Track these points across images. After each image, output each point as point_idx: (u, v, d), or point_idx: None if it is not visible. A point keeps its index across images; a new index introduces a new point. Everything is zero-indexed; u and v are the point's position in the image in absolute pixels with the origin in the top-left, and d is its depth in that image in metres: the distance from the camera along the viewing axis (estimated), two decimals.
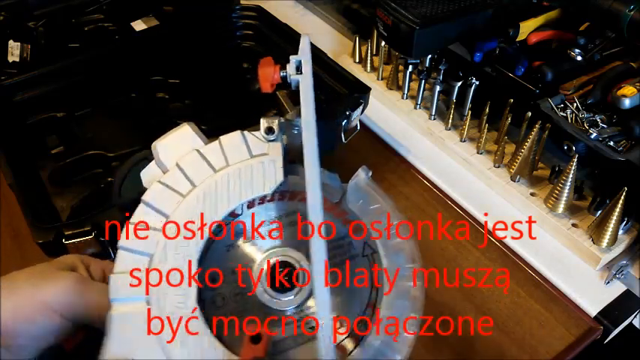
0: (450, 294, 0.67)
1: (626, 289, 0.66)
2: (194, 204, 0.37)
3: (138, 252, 0.36)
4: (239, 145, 0.39)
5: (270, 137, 0.39)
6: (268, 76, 0.40)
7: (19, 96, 0.82)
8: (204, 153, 0.39)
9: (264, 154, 0.39)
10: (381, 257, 0.40)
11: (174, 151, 0.38)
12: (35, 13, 0.93)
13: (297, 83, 0.39)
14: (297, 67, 0.39)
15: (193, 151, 0.38)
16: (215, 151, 0.39)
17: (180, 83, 0.91)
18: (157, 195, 0.37)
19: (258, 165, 0.38)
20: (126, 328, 0.34)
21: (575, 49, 0.77)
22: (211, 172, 0.38)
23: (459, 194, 0.76)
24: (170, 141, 0.39)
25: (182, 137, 0.39)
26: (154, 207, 0.37)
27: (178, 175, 0.38)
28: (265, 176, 0.38)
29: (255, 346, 0.35)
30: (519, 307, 0.65)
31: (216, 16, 0.97)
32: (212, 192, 0.38)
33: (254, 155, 0.39)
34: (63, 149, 0.81)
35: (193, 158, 0.38)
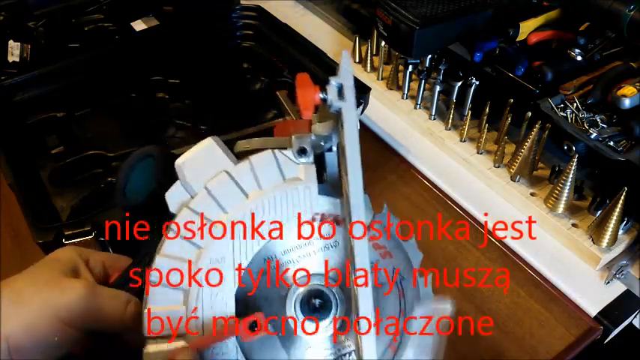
0: (450, 294, 0.66)
1: (626, 289, 0.66)
2: (228, 235, 0.35)
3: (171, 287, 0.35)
4: (270, 166, 0.37)
5: (302, 159, 0.37)
6: (309, 101, 0.36)
7: (19, 96, 0.82)
8: (235, 175, 0.36)
9: (298, 178, 0.37)
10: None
11: (201, 171, 0.36)
12: (35, 13, 0.93)
13: (339, 109, 0.36)
14: (339, 90, 0.36)
15: (223, 173, 0.36)
16: (245, 173, 0.36)
17: (180, 83, 0.91)
18: (188, 222, 0.35)
19: (292, 191, 0.37)
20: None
21: (575, 49, 0.77)
22: (243, 198, 0.36)
23: (459, 194, 0.76)
24: (195, 159, 0.36)
25: (208, 155, 0.36)
26: (180, 243, 0.35)
27: (208, 201, 0.36)
28: (300, 205, 0.37)
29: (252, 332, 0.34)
30: (519, 307, 0.65)
31: (216, 16, 0.97)
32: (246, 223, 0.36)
33: (287, 179, 0.37)
34: (63, 149, 0.81)
35: (223, 181, 0.36)
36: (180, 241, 0.35)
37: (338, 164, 0.39)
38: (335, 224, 0.38)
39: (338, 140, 0.38)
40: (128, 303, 0.38)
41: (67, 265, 0.39)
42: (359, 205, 0.35)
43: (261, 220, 0.36)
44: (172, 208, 0.36)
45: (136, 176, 0.39)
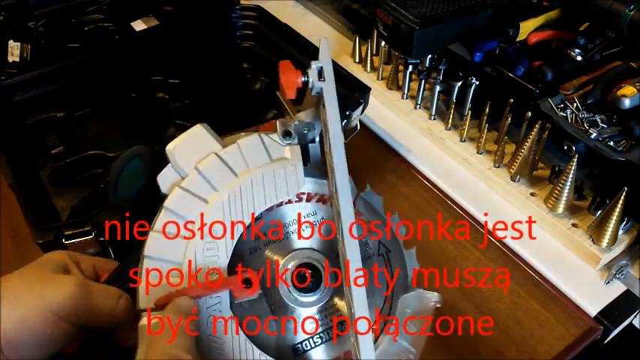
0: (450, 294, 0.67)
1: (626, 289, 0.66)
2: (219, 210, 0.37)
3: (165, 260, 0.36)
4: (258, 148, 0.39)
5: (287, 141, 0.40)
6: (292, 83, 0.39)
7: (19, 96, 0.82)
8: (224, 157, 0.38)
9: (284, 157, 0.39)
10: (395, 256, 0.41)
11: (192, 155, 0.38)
12: (35, 13, 0.93)
13: (320, 90, 0.39)
14: (319, 72, 0.39)
15: (212, 155, 0.38)
16: (234, 155, 0.38)
17: (180, 83, 0.91)
18: (180, 201, 0.37)
19: (279, 170, 0.39)
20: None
21: (575, 49, 0.77)
22: (233, 177, 0.38)
23: (459, 194, 0.76)
24: (185, 143, 0.38)
25: (197, 139, 0.38)
26: (178, 214, 0.36)
27: (199, 180, 0.37)
28: (287, 181, 0.39)
29: (246, 289, 0.36)
30: (519, 307, 0.65)
31: (216, 16, 0.97)
32: (236, 198, 0.37)
33: (274, 159, 0.39)
34: (63, 149, 0.81)
35: (213, 162, 0.38)
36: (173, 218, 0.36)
37: (321, 150, 0.41)
38: (321, 203, 0.40)
39: (320, 130, 0.40)
40: (120, 298, 0.38)
41: (58, 264, 0.40)
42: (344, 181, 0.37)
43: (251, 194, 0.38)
44: (164, 189, 0.38)
45: (126, 175, 0.41)
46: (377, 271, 0.41)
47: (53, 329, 0.36)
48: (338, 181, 0.37)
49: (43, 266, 0.39)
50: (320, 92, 0.39)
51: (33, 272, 0.38)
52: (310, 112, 0.41)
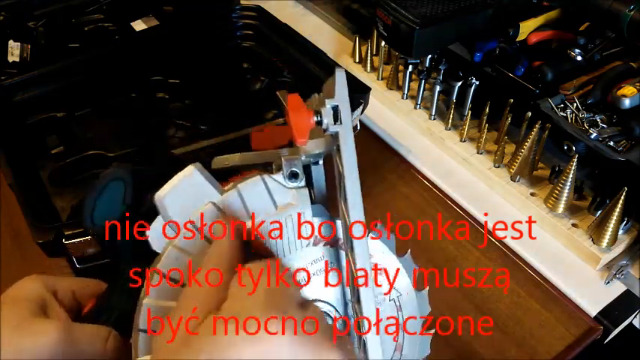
0: (450, 294, 0.67)
1: (626, 289, 0.66)
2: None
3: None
4: (261, 194, 0.34)
5: (293, 183, 0.35)
6: (304, 127, 0.32)
7: (19, 96, 0.82)
8: (222, 206, 0.33)
9: (290, 203, 0.35)
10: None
11: (185, 204, 0.32)
12: (35, 13, 0.93)
13: (336, 133, 0.34)
14: (335, 113, 0.33)
15: (209, 205, 0.33)
16: (235, 203, 0.33)
17: (180, 83, 0.91)
18: (175, 263, 0.32)
19: (287, 220, 0.34)
20: None
21: (575, 49, 0.77)
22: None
23: (459, 194, 0.76)
24: (177, 190, 0.32)
25: (190, 184, 0.32)
26: (174, 279, 0.32)
27: (196, 238, 0.33)
28: (295, 232, 0.35)
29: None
30: (519, 307, 0.65)
31: (216, 16, 0.97)
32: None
33: (279, 207, 0.34)
34: (63, 149, 0.81)
35: (210, 214, 0.33)
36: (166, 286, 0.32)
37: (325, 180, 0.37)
38: (329, 246, 0.37)
39: (326, 152, 0.36)
40: (107, 338, 0.36)
41: (36, 303, 0.37)
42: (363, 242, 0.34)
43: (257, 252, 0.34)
44: (155, 247, 0.33)
45: (104, 200, 0.37)
46: (388, 318, 0.39)
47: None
48: (355, 241, 0.33)
49: (20, 308, 0.36)
50: (335, 135, 0.34)
51: (9, 319, 0.35)
52: (319, 143, 0.35)
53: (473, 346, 0.63)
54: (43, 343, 0.34)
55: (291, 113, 0.32)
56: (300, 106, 0.33)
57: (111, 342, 0.37)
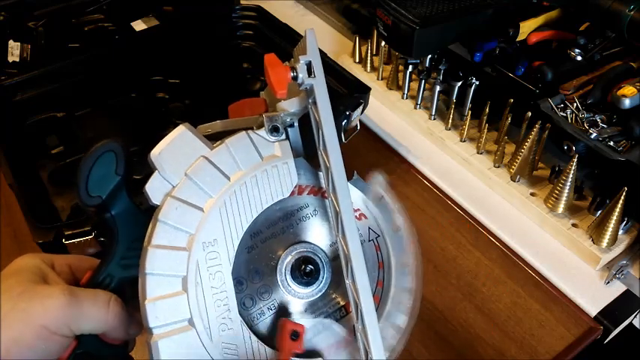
0: (450, 294, 0.67)
1: (626, 289, 0.66)
2: (217, 218, 0.36)
3: (168, 275, 0.35)
4: (247, 147, 0.38)
5: (275, 137, 0.39)
6: (283, 80, 0.37)
7: (19, 96, 0.82)
8: (214, 159, 0.37)
9: (274, 155, 0.38)
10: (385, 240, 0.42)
11: (179, 160, 0.36)
12: (35, 13, 0.93)
13: (310, 86, 0.38)
14: (309, 68, 0.38)
15: (201, 159, 0.36)
16: (224, 157, 0.37)
17: (180, 83, 0.91)
18: (175, 212, 0.35)
19: (272, 170, 0.38)
20: (177, 352, 0.34)
21: (575, 49, 0.77)
22: (226, 181, 0.37)
23: (459, 194, 0.76)
24: (170, 148, 0.36)
25: (182, 142, 0.36)
26: (175, 226, 0.35)
27: (192, 187, 0.36)
28: (281, 180, 0.38)
29: (294, 342, 0.36)
30: (519, 307, 0.65)
31: (216, 16, 0.97)
32: (232, 203, 0.36)
33: (264, 157, 0.38)
34: (63, 149, 0.81)
35: (203, 166, 0.36)
36: (170, 230, 0.35)
37: (302, 136, 0.40)
38: (312, 194, 0.40)
39: (299, 115, 0.40)
40: (109, 302, 0.37)
41: (35, 273, 0.38)
42: (342, 180, 0.37)
43: (247, 198, 0.37)
44: (154, 200, 0.36)
45: (97, 172, 0.39)
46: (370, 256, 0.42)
47: (47, 344, 0.35)
48: (336, 180, 0.37)
49: (21, 277, 0.37)
50: (310, 88, 0.38)
51: (12, 287, 0.36)
52: (294, 102, 0.39)
53: (473, 346, 0.63)
54: (52, 306, 0.35)
55: (270, 69, 0.36)
56: (277, 62, 0.37)
57: (113, 305, 0.37)
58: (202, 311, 0.35)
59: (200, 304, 0.35)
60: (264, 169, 0.38)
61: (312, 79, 0.37)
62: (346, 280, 0.38)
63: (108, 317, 0.37)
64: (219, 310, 0.35)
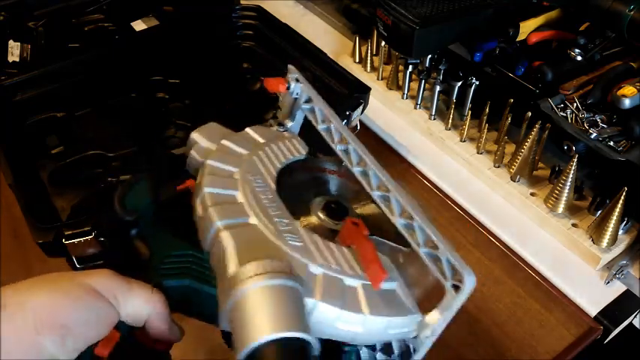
0: None
1: (626, 289, 0.66)
2: (254, 162, 0.42)
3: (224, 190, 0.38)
4: (264, 129, 0.47)
5: (282, 129, 0.49)
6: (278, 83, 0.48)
7: (19, 96, 0.82)
8: (242, 134, 0.45)
9: (285, 135, 0.47)
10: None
11: (213, 137, 0.44)
12: (35, 13, 0.93)
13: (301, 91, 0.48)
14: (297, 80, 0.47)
15: (231, 134, 0.44)
16: (249, 134, 0.45)
17: (180, 83, 0.91)
18: (221, 157, 0.41)
19: (286, 141, 0.46)
20: (246, 237, 0.35)
21: (575, 49, 0.77)
22: (255, 144, 0.44)
23: (458, 194, 0.76)
24: (207, 130, 0.45)
25: (215, 128, 0.45)
26: (220, 166, 0.40)
27: (230, 147, 0.42)
28: (296, 146, 0.46)
29: (357, 228, 0.38)
30: (519, 307, 0.65)
31: (216, 16, 0.97)
32: (263, 157, 0.43)
33: (278, 135, 0.47)
34: (63, 149, 0.81)
35: (235, 137, 0.44)
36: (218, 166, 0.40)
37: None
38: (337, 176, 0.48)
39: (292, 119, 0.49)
40: (152, 288, 0.37)
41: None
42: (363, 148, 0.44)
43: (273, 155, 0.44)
44: (193, 172, 0.42)
45: (134, 191, 0.43)
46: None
47: (96, 303, 0.34)
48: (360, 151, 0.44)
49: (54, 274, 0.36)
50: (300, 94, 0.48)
51: (49, 275, 0.35)
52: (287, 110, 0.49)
53: (473, 346, 0.63)
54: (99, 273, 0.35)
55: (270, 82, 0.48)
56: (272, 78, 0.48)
57: (156, 292, 0.37)
58: (260, 212, 0.37)
59: (257, 208, 0.37)
60: (281, 139, 0.46)
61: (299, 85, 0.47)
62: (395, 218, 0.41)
63: (154, 298, 0.36)
64: (275, 212, 0.38)
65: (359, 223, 0.39)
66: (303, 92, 0.48)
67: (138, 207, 0.42)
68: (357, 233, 0.38)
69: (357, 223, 0.39)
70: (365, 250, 0.37)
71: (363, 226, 0.39)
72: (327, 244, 0.37)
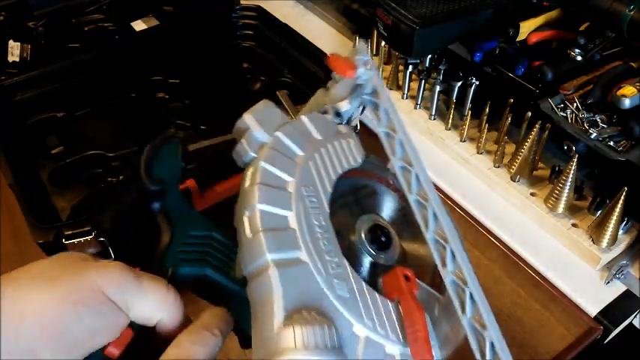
0: None
1: (626, 289, 0.66)
2: (309, 169, 0.38)
3: (276, 208, 0.34)
4: (322, 120, 0.42)
5: (338, 121, 0.43)
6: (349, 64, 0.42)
7: (19, 96, 0.82)
8: (297, 124, 0.40)
9: (341, 132, 0.42)
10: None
11: (267, 123, 0.39)
12: (35, 13, 0.93)
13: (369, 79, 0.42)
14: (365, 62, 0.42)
15: (287, 123, 0.39)
16: (302, 127, 0.40)
17: (180, 83, 0.91)
18: (273, 159, 0.37)
19: (343, 142, 0.41)
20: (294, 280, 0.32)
21: (575, 49, 0.77)
22: (311, 142, 0.39)
23: (459, 194, 0.76)
24: (258, 111, 0.39)
25: (268, 110, 0.39)
26: (275, 170, 0.36)
27: (284, 143, 0.38)
28: (352, 150, 0.42)
29: (408, 282, 0.36)
30: (519, 307, 0.65)
31: (216, 16, 0.97)
32: (318, 160, 0.39)
33: (336, 131, 0.42)
34: (63, 149, 0.81)
35: (289, 130, 0.39)
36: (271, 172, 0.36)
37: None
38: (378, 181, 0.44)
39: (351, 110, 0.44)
40: (167, 286, 0.34)
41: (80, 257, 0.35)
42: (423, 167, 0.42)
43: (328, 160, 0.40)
44: (240, 164, 0.38)
45: (162, 156, 0.38)
46: None
47: (103, 307, 0.31)
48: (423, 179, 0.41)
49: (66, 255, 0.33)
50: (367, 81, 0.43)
51: (65, 258, 0.32)
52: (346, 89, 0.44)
53: None
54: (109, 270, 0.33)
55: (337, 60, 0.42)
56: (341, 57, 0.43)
57: (171, 290, 0.34)
58: (311, 247, 0.34)
59: (309, 240, 0.34)
60: (337, 139, 0.41)
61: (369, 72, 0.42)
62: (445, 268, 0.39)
63: (168, 296, 0.34)
64: (326, 247, 0.35)
65: (411, 277, 0.36)
66: (370, 82, 0.42)
67: (165, 176, 0.37)
68: (407, 290, 0.36)
69: (410, 278, 0.36)
70: (414, 318, 0.34)
71: (414, 282, 0.36)
72: (373, 295, 0.34)
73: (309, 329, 0.29)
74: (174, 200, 0.38)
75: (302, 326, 0.29)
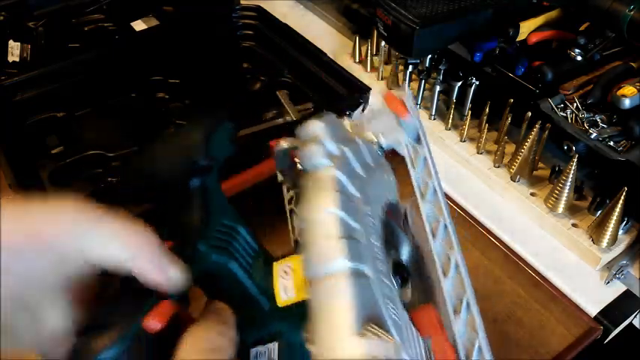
0: None
1: (626, 289, 0.66)
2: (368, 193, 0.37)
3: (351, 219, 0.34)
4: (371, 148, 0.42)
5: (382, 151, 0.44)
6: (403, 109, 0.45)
7: (19, 96, 0.82)
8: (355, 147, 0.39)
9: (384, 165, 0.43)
10: None
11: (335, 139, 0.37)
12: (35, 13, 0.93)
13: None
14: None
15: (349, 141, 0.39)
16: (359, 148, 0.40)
17: (180, 83, 0.91)
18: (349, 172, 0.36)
19: (385, 174, 0.43)
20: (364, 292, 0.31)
21: (575, 49, 0.77)
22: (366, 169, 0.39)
23: (459, 194, 0.76)
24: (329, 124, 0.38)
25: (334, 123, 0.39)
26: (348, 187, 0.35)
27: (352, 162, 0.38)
28: (391, 188, 0.44)
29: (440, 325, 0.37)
30: (519, 307, 0.65)
31: (216, 16, 0.97)
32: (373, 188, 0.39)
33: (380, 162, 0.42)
34: (63, 149, 0.81)
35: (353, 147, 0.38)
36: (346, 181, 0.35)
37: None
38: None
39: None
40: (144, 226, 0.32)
41: None
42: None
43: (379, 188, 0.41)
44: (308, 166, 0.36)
45: (218, 135, 0.37)
46: None
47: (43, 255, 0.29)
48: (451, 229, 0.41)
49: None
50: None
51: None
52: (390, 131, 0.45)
53: None
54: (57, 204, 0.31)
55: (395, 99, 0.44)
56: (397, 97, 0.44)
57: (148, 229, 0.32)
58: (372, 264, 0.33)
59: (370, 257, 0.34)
60: (382, 170, 0.42)
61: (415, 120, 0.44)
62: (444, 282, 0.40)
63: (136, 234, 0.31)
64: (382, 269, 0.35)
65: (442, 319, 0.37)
66: (415, 129, 0.44)
67: (216, 154, 0.36)
68: (439, 330, 0.36)
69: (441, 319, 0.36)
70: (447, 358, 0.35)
71: (442, 325, 0.36)
72: (411, 327, 0.34)
73: (381, 343, 0.29)
74: (214, 183, 0.36)
75: (375, 339, 0.29)
